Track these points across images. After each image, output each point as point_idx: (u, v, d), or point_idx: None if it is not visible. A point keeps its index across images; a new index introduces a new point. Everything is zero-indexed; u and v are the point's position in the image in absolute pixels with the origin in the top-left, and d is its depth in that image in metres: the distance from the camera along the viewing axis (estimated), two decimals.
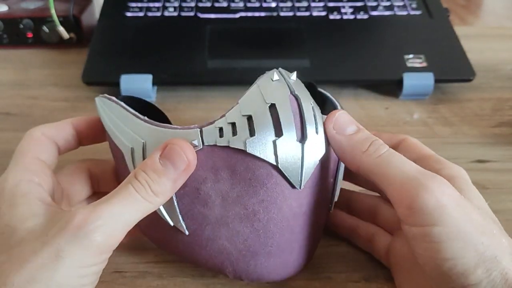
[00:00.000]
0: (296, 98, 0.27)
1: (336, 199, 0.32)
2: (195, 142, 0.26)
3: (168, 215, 0.28)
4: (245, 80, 0.53)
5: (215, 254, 0.28)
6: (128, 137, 0.28)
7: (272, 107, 0.26)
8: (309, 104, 0.27)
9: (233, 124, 0.26)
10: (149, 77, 0.50)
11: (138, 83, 0.50)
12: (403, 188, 0.24)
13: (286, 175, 0.26)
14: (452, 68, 0.53)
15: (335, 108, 0.32)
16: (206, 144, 0.26)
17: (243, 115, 0.26)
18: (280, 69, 0.28)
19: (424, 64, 0.52)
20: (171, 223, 0.28)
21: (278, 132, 0.26)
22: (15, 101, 0.51)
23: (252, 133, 0.26)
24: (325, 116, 0.28)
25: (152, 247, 0.34)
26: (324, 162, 0.28)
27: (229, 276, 0.29)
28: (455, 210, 0.23)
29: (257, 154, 0.25)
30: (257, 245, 0.28)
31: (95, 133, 0.31)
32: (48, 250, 0.23)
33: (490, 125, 0.48)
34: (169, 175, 0.25)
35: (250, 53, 0.54)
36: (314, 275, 0.32)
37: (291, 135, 0.26)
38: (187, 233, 0.28)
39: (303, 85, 0.28)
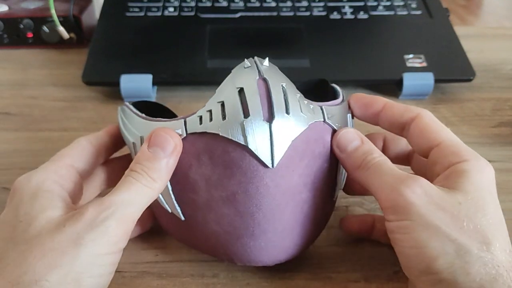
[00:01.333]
0: (265, 81, 0.28)
1: (341, 186, 0.32)
2: (179, 131, 0.28)
3: (166, 202, 0.30)
4: None
5: (208, 238, 0.30)
6: (131, 133, 0.31)
7: (241, 91, 0.27)
8: (279, 86, 0.28)
9: (210, 111, 0.28)
10: (149, 77, 0.50)
11: (138, 83, 0.50)
12: (383, 194, 0.27)
13: (257, 154, 0.27)
14: (452, 68, 0.53)
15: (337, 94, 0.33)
16: (189, 132, 0.28)
17: (218, 102, 0.28)
18: (255, 57, 0.30)
19: (424, 64, 0.52)
20: (169, 210, 0.30)
21: (246, 114, 0.27)
22: (15, 101, 0.51)
23: (224, 117, 0.27)
24: (313, 102, 0.29)
25: (152, 247, 0.34)
26: (304, 141, 0.28)
27: (224, 260, 0.31)
28: (423, 206, 0.26)
29: (229, 137, 0.27)
30: (241, 226, 0.29)
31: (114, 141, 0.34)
32: (67, 239, 0.24)
33: (490, 125, 0.48)
34: (160, 159, 0.27)
35: (250, 53, 0.53)
36: (314, 275, 0.32)
37: (257, 115, 0.27)
38: (183, 218, 0.30)
39: (277, 69, 0.30)
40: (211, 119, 0.27)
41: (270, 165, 0.27)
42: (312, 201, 0.30)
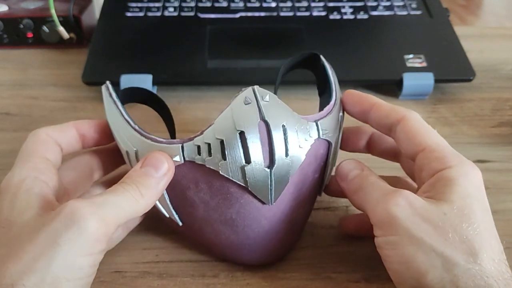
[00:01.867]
0: (266, 124, 0.28)
1: (327, 182, 0.34)
2: (177, 158, 0.28)
3: (163, 208, 0.31)
4: (245, 80, 0.53)
5: (204, 243, 0.32)
6: (122, 140, 0.31)
7: (242, 135, 0.27)
8: (279, 127, 0.28)
9: (209, 145, 0.28)
10: (149, 77, 0.50)
11: (138, 83, 0.50)
12: (371, 210, 0.28)
13: (256, 195, 0.28)
14: (452, 68, 0.53)
15: (330, 92, 0.33)
16: (187, 159, 0.28)
17: (217, 138, 0.28)
18: (255, 88, 0.29)
19: (424, 64, 0.52)
20: (167, 215, 0.31)
21: (247, 159, 0.27)
22: (15, 101, 0.51)
23: (224, 157, 0.27)
24: (309, 117, 0.29)
25: (152, 247, 0.34)
26: (299, 172, 0.29)
27: (220, 259, 0.33)
28: (407, 219, 0.26)
29: (229, 177, 0.28)
30: (238, 243, 0.31)
31: (98, 136, 0.33)
32: (45, 237, 0.23)
33: (490, 125, 0.48)
34: (151, 177, 0.27)
35: (250, 53, 0.54)
36: (315, 275, 0.32)
37: (258, 162, 0.28)
38: (180, 224, 0.32)
39: (278, 102, 0.29)
40: (209, 154, 0.28)
41: (269, 203, 0.29)
42: (303, 211, 0.32)
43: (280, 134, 0.28)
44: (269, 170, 0.28)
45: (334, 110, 0.32)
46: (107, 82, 0.33)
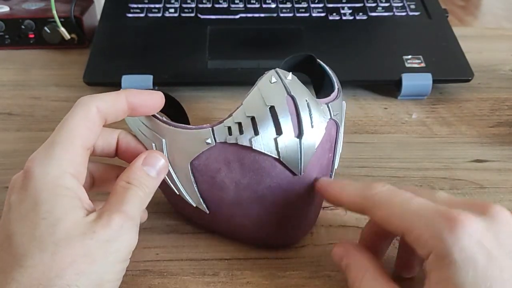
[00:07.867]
0: (293, 98, 0.30)
1: (336, 166, 0.35)
2: (208, 140, 0.30)
3: (191, 198, 0.32)
4: (245, 80, 0.53)
5: (234, 228, 0.33)
6: (149, 134, 0.32)
7: (272, 109, 0.30)
8: (304, 101, 0.31)
9: (240, 124, 0.30)
10: (150, 77, 0.50)
11: (139, 84, 0.50)
12: None
13: (288, 165, 0.30)
14: (451, 68, 0.53)
15: (331, 82, 0.36)
16: (218, 141, 0.30)
17: (247, 116, 0.30)
18: (277, 69, 0.32)
19: (423, 65, 0.53)
20: (194, 204, 0.32)
21: (278, 131, 0.30)
22: (17, 101, 0.52)
23: (256, 132, 0.30)
24: (321, 101, 0.32)
25: (152, 246, 0.34)
26: (320, 146, 0.31)
27: (248, 243, 0.34)
28: None
29: (262, 150, 0.30)
30: (268, 220, 0.32)
31: (147, 105, 0.31)
32: (97, 246, 0.25)
33: (488, 125, 0.48)
34: (151, 178, 0.30)
35: (250, 53, 0.54)
36: (314, 273, 0.32)
37: (289, 133, 0.30)
38: (207, 212, 0.32)
39: (299, 82, 0.32)
40: (241, 132, 0.30)
41: (299, 174, 0.31)
42: None
43: (306, 109, 0.30)
44: (298, 139, 0.30)
45: (339, 96, 0.34)
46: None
